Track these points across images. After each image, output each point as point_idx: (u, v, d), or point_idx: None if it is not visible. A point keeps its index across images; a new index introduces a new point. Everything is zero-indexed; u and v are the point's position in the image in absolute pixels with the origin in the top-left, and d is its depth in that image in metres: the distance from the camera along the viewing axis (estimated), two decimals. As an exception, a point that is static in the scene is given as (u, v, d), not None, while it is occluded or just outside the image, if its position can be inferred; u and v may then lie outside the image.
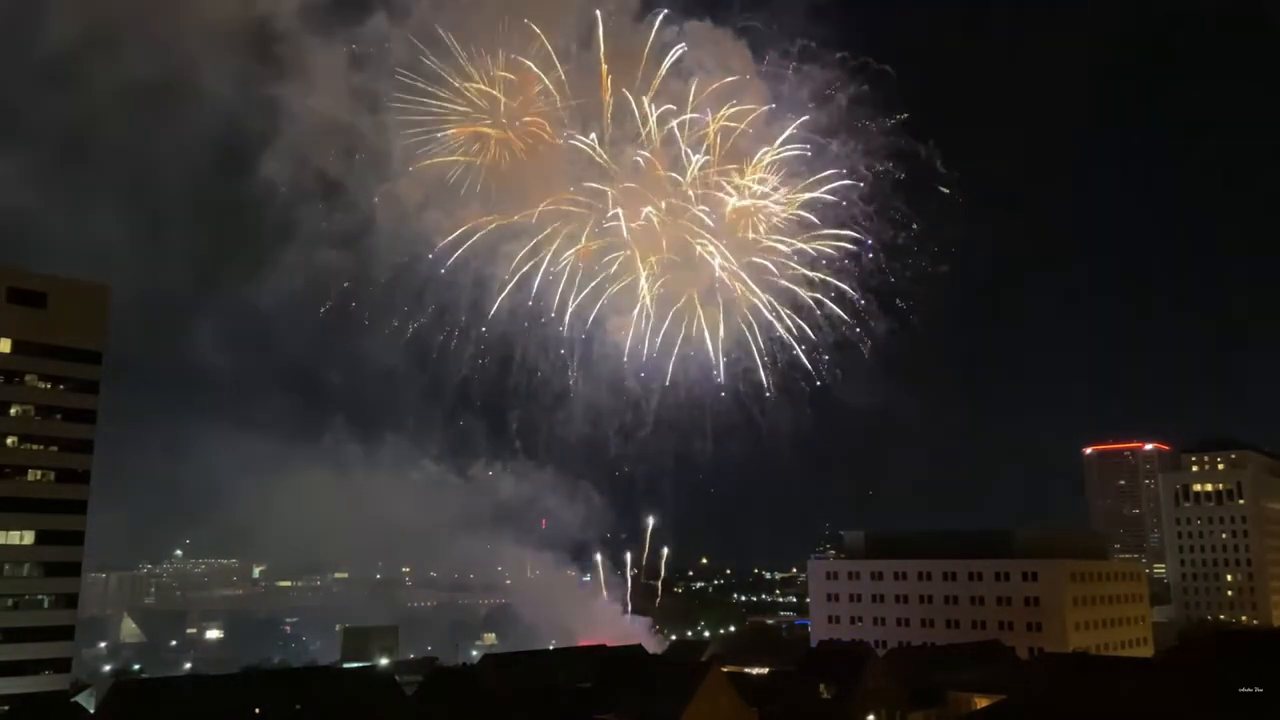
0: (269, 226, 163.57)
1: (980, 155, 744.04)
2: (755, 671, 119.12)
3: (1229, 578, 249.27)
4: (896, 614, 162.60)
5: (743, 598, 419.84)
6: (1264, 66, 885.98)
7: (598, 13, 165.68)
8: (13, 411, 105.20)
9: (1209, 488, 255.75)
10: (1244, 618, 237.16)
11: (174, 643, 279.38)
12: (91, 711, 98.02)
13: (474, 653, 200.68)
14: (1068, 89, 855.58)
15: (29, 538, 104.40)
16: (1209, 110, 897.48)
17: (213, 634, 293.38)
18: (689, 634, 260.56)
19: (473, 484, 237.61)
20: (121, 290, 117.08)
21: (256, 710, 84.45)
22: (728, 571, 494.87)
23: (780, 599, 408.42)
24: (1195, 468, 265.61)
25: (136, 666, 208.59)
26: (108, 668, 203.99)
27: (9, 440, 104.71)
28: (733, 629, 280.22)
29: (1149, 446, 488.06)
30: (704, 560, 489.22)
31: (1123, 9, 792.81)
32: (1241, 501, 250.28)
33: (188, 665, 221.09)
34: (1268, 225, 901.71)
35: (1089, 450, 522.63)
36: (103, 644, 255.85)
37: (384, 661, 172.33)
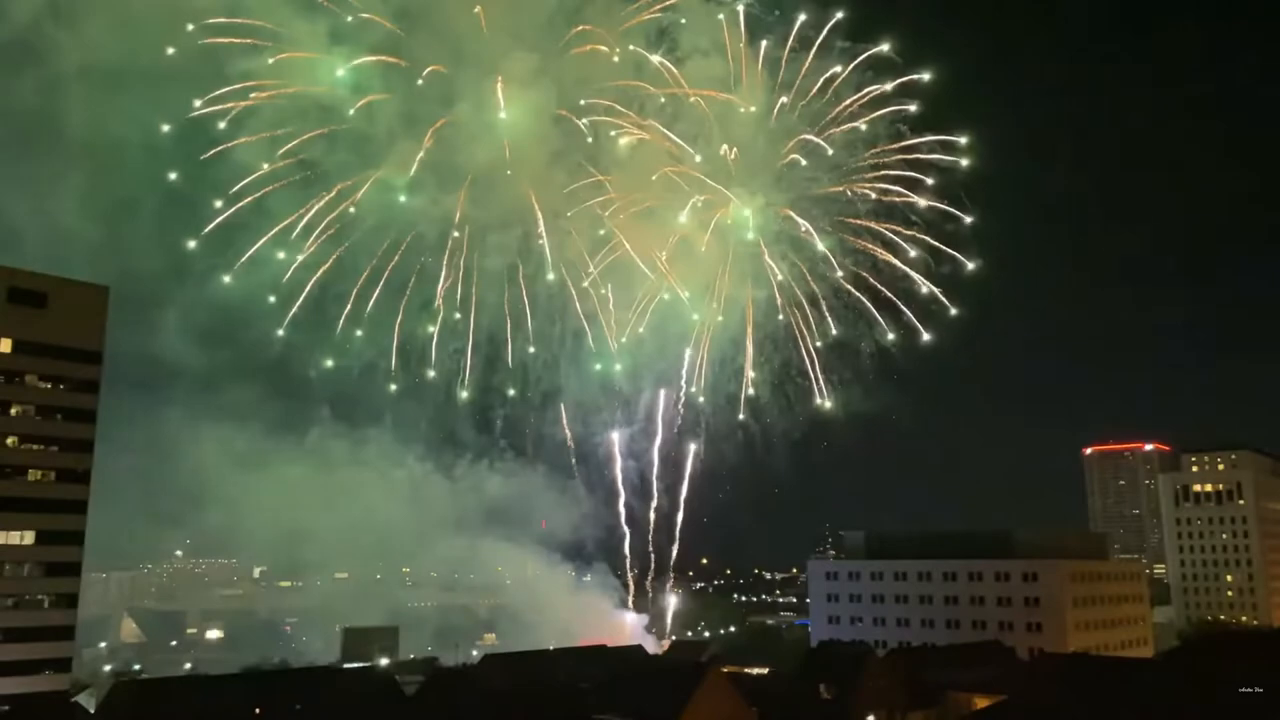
0: (246, 214, 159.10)
1: (983, 151, 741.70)
2: (755, 671, 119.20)
3: (1229, 578, 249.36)
4: (896, 614, 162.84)
5: (743, 598, 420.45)
6: (1263, 64, 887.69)
7: None
8: (13, 411, 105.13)
9: (1209, 488, 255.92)
10: (1244, 618, 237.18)
11: (174, 643, 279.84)
12: (91, 711, 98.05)
13: (474, 653, 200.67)
14: (1067, 83, 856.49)
15: (29, 538, 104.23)
16: (1210, 105, 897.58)
17: (213, 634, 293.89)
18: (689, 634, 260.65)
19: (470, 484, 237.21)
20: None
21: (256, 710, 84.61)
22: (728, 571, 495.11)
23: (780, 599, 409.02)
24: (1195, 468, 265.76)
25: (136, 666, 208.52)
26: (108, 668, 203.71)
27: (9, 440, 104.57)
28: (733, 629, 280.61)
29: (1149, 446, 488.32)
30: (704, 560, 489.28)
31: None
32: (1242, 502, 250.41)
33: (188, 665, 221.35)
34: (1268, 223, 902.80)
35: (1089, 450, 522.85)
36: (103, 644, 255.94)
37: (384, 662, 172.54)
